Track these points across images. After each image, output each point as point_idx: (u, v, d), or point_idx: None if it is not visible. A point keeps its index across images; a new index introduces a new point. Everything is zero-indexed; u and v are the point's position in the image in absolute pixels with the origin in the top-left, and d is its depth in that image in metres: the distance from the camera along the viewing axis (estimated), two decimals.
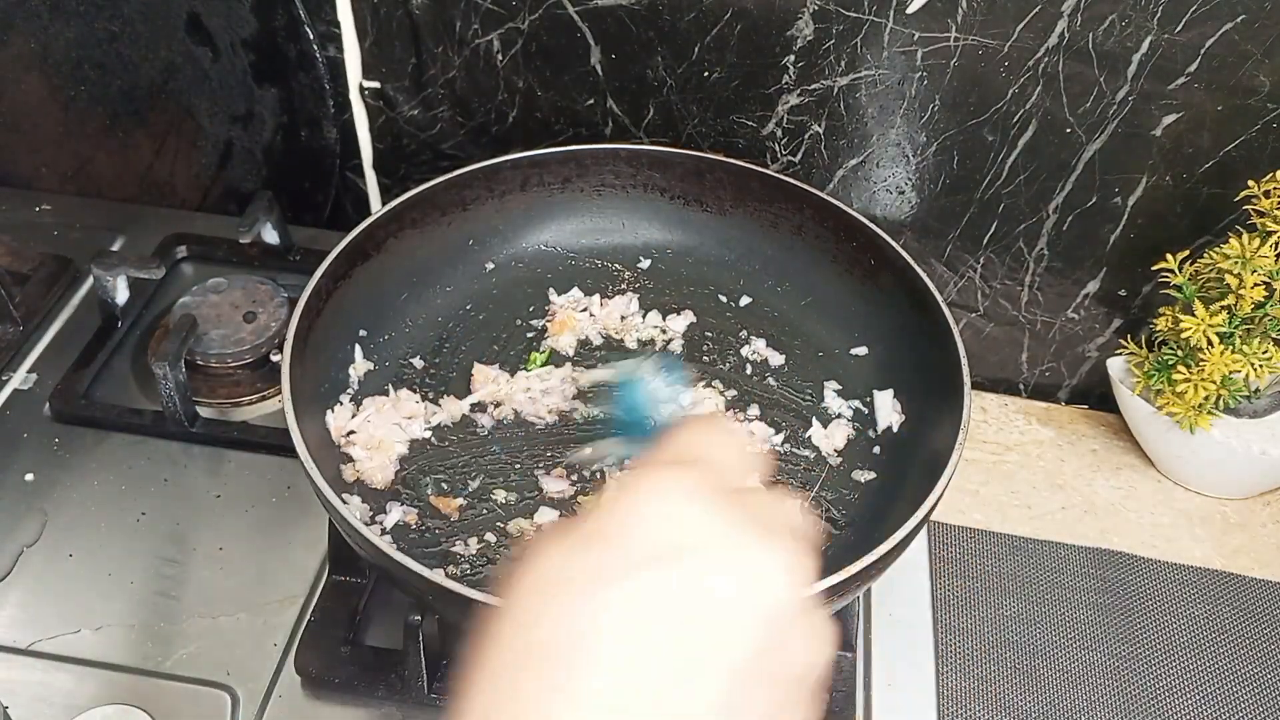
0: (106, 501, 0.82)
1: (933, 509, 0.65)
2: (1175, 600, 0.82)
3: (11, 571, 0.77)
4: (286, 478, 0.83)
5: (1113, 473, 0.92)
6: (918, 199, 0.91)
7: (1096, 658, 0.78)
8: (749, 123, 0.90)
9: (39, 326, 0.94)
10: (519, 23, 0.88)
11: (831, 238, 0.85)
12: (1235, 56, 0.77)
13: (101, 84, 1.01)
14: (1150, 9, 0.76)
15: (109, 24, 0.97)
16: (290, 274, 0.97)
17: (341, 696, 0.71)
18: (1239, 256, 0.78)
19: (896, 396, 0.80)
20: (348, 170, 1.03)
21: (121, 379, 0.91)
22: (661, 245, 0.91)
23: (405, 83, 0.94)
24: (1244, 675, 0.78)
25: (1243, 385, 0.83)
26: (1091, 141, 0.83)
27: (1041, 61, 0.80)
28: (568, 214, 0.91)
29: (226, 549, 0.79)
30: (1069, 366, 0.97)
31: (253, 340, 0.89)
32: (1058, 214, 0.88)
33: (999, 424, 0.95)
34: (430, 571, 0.59)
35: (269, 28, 0.94)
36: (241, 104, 1.00)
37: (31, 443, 0.85)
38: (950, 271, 0.94)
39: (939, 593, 0.81)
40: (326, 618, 0.73)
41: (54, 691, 0.70)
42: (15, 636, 0.73)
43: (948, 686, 0.76)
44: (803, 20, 0.83)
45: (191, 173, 1.06)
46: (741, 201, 0.88)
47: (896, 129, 0.87)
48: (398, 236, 0.83)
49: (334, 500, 0.63)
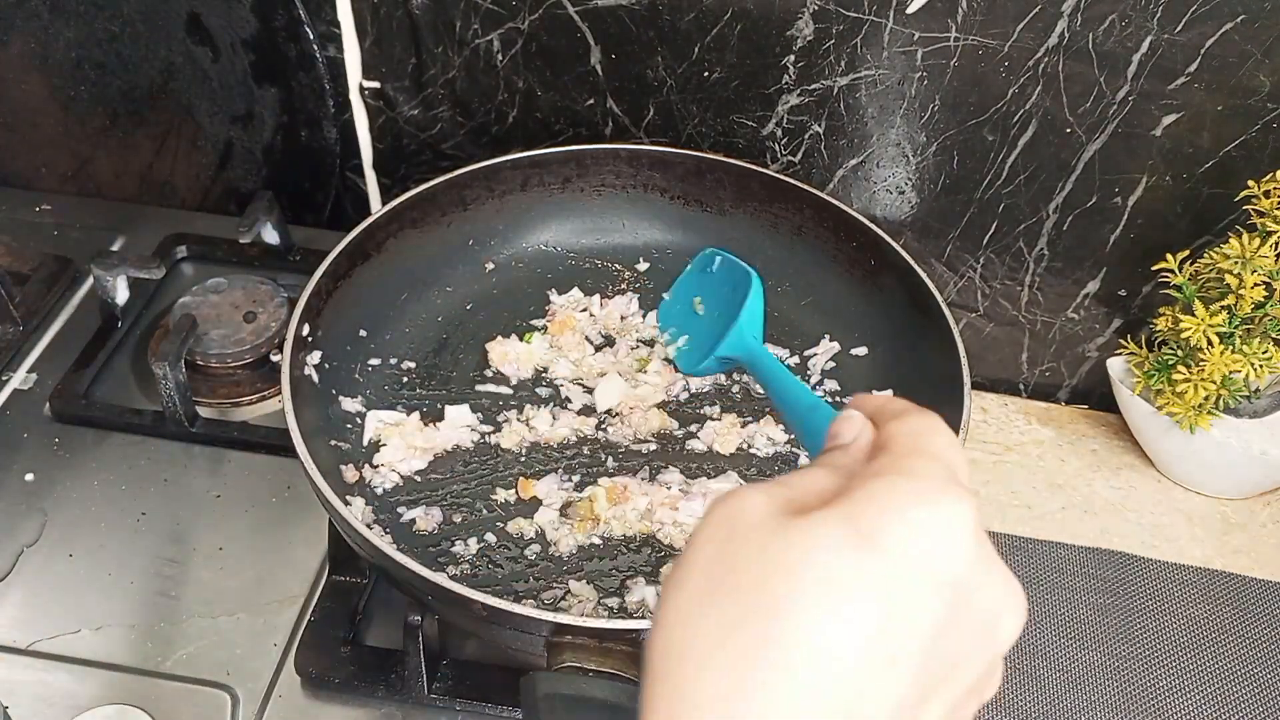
0: (106, 501, 0.82)
1: None
2: (1175, 600, 0.82)
3: (11, 571, 0.77)
4: (286, 478, 0.83)
5: (1113, 473, 0.92)
6: (918, 199, 0.91)
7: (1096, 658, 0.78)
8: (749, 123, 0.90)
9: (39, 326, 0.94)
10: (519, 23, 0.88)
11: (831, 238, 0.85)
12: (1235, 56, 0.77)
13: (101, 84, 1.01)
14: (1150, 9, 0.76)
15: (109, 24, 0.97)
16: (290, 274, 0.97)
17: (341, 696, 0.71)
18: (1239, 256, 0.78)
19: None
20: (348, 170, 1.03)
21: (121, 379, 0.91)
22: (661, 245, 0.91)
23: (405, 83, 0.94)
24: (1244, 675, 0.78)
25: (1243, 385, 0.83)
26: (1091, 141, 0.83)
27: (1041, 61, 0.80)
28: (568, 214, 0.91)
29: (226, 549, 0.79)
30: (1069, 366, 0.97)
31: (253, 340, 0.89)
32: (1058, 214, 0.88)
33: (999, 424, 0.95)
34: (430, 571, 0.59)
35: (269, 28, 0.94)
36: (241, 104, 1.00)
37: (31, 443, 0.85)
38: (950, 271, 0.94)
39: None
40: (326, 618, 0.73)
41: (54, 691, 0.70)
42: (15, 636, 0.73)
43: None
44: (803, 20, 0.83)
45: (191, 173, 1.06)
46: (741, 201, 0.88)
47: (896, 129, 0.87)
48: (398, 236, 0.83)
49: (334, 500, 0.63)
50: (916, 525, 0.31)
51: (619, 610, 0.68)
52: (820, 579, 0.30)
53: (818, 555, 0.31)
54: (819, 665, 0.29)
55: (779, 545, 0.31)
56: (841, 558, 0.31)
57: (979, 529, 0.32)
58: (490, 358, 0.83)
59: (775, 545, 0.31)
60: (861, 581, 0.30)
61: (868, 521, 0.31)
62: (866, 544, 0.31)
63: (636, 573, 0.70)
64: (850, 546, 0.31)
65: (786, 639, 0.30)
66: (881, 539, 0.31)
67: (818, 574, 0.30)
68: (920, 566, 0.31)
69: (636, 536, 0.72)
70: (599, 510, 0.73)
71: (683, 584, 0.32)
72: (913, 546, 0.31)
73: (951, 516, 0.32)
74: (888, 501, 0.32)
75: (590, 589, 0.69)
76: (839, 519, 0.31)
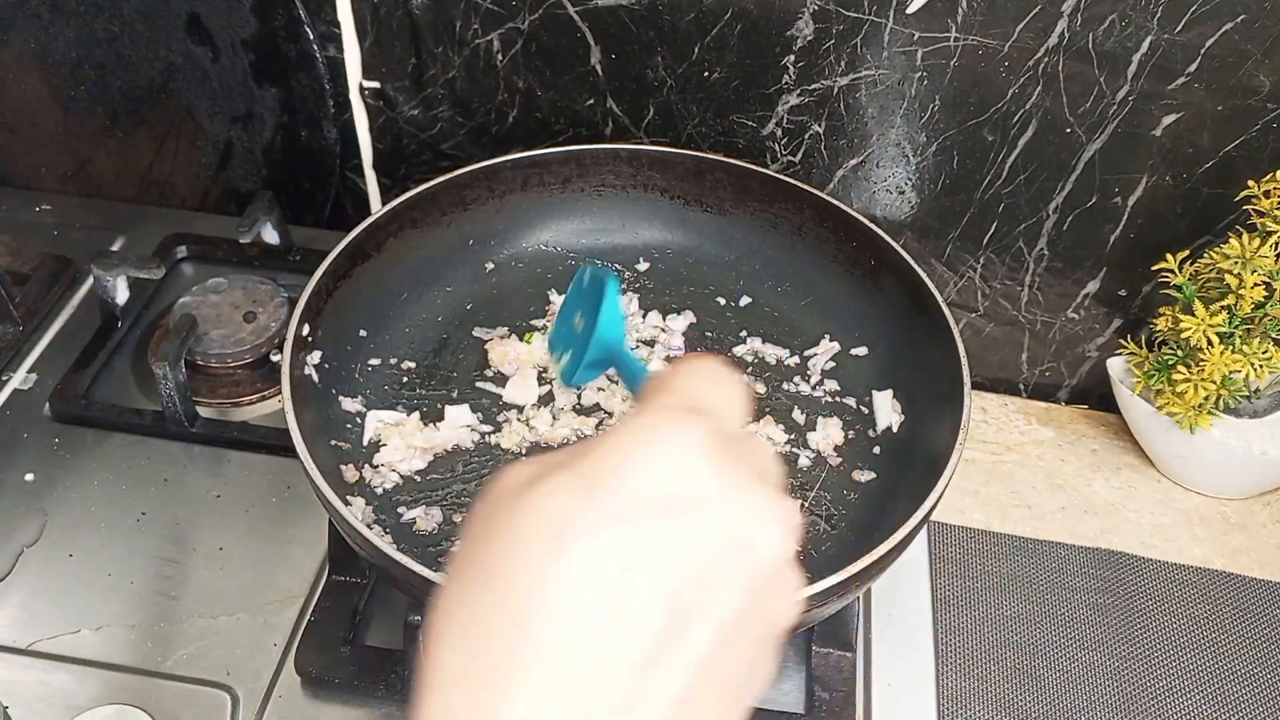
0: (106, 501, 0.82)
1: (932, 509, 0.65)
2: (1175, 600, 0.82)
3: (11, 571, 0.77)
4: (286, 478, 0.83)
5: (1113, 473, 0.92)
6: (918, 199, 0.91)
7: (1096, 658, 0.78)
8: (749, 123, 0.90)
9: (39, 326, 0.94)
10: (519, 23, 0.88)
11: (832, 238, 0.85)
12: (1235, 56, 0.77)
13: (101, 84, 1.01)
14: (1150, 9, 0.76)
15: (109, 24, 0.97)
16: (290, 274, 0.97)
17: (341, 696, 0.71)
18: (1239, 256, 0.78)
19: (896, 396, 0.80)
20: (348, 170, 1.03)
21: (121, 379, 0.91)
22: (661, 245, 0.91)
23: (405, 83, 0.94)
24: (1244, 675, 0.78)
25: (1243, 385, 0.83)
26: (1091, 141, 0.83)
27: (1041, 61, 0.80)
28: (568, 214, 0.91)
29: (226, 549, 0.79)
30: (1069, 366, 0.97)
31: (253, 340, 0.89)
32: (1058, 214, 0.88)
33: (999, 424, 0.95)
34: (430, 571, 0.59)
35: (269, 28, 0.94)
36: (241, 104, 1.00)
37: (31, 443, 0.85)
38: (950, 271, 0.94)
39: (939, 593, 0.81)
40: (326, 618, 0.73)
41: (54, 691, 0.70)
42: (15, 636, 0.73)
43: (948, 686, 0.76)
44: (803, 20, 0.83)
45: (191, 173, 1.06)
46: (741, 201, 0.88)
47: (896, 129, 0.87)
48: (398, 236, 0.83)
49: (334, 500, 0.63)
50: (633, 458, 0.32)
51: None
52: (544, 531, 0.31)
53: (544, 509, 0.31)
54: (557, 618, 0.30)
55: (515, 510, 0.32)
56: (564, 506, 0.31)
57: (716, 452, 0.33)
58: (490, 358, 0.83)
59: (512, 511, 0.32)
60: (587, 522, 0.31)
61: (590, 466, 0.32)
62: (588, 487, 0.31)
63: None
64: (574, 493, 0.31)
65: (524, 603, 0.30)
66: (602, 480, 0.32)
67: (542, 526, 0.31)
68: (643, 497, 0.31)
69: None
70: None
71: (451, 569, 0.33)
72: (632, 478, 0.32)
73: (676, 444, 0.33)
74: (609, 443, 0.33)
75: None
76: (567, 471, 0.32)
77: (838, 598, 0.62)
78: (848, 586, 0.61)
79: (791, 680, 0.73)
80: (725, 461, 0.33)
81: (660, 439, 0.33)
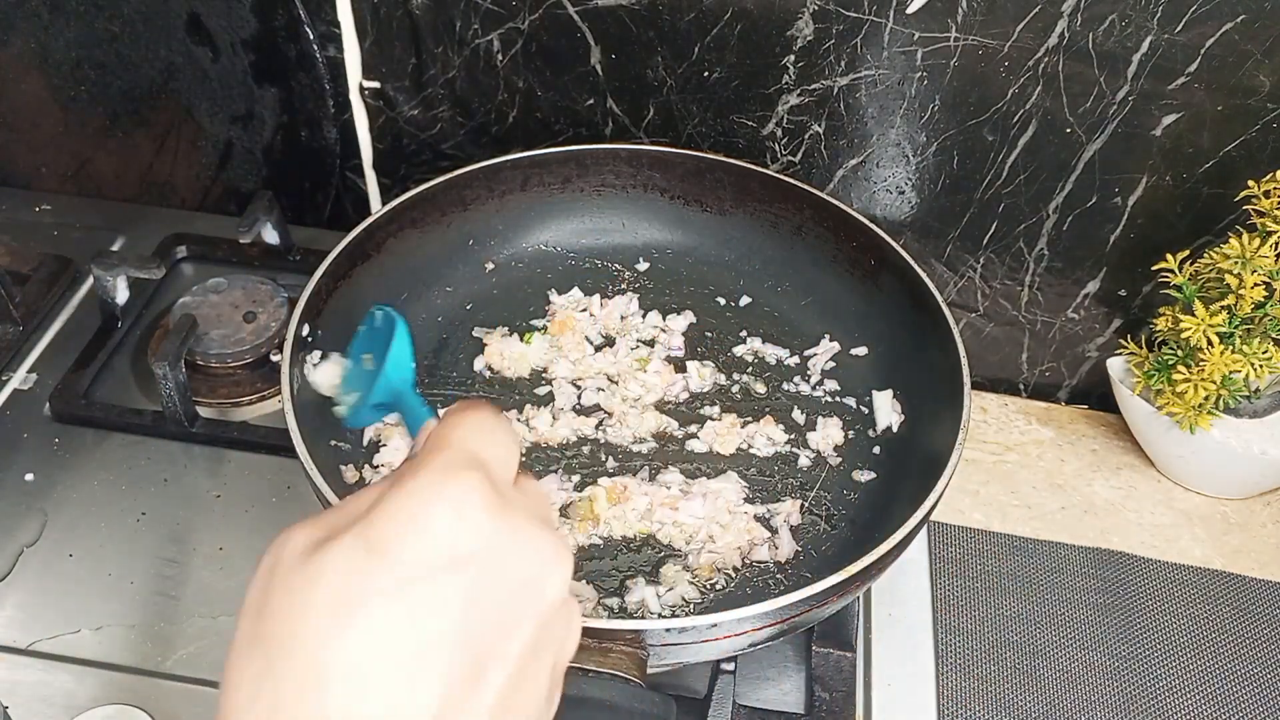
0: (106, 501, 0.82)
1: (932, 509, 0.65)
2: (1175, 600, 0.82)
3: (11, 571, 0.77)
4: (286, 478, 0.83)
5: (1113, 473, 0.92)
6: (918, 199, 0.91)
7: (1096, 658, 0.78)
8: (749, 123, 0.90)
9: (39, 326, 0.94)
10: (519, 23, 0.88)
11: (831, 238, 0.85)
12: (1235, 56, 0.77)
13: (101, 84, 1.01)
14: (1150, 9, 0.76)
15: (109, 24, 0.97)
16: (290, 274, 0.97)
17: None
18: (1239, 256, 0.78)
19: (896, 396, 0.80)
20: (348, 170, 1.03)
21: (121, 379, 0.91)
22: (661, 245, 0.91)
23: (405, 83, 0.94)
24: (1244, 675, 0.78)
25: (1243, 385, 0.83)
26: (1091, 141, 0.83)
27: (1041, 61, 0.80)
28: (568, 214, 0.91)
29: (226, 549, 0.79)
30: (1069, 366, 0.97)
31: (253, 340, 0.89)
32: (1058, 214, 0.88)
33: (999, 424, 0.95)
34: None
35: (269, 28, 0.94)
36: (241, 104, 1.00)
37: (31, 443, 0.85)
38: (950, 271, 0.94)
39: (939, 593, 0.81)
40: None
41: (54, 691, 0.70)
42: (15, 636, 0.73)
43: (948, 686, 0.76)
44: (803, 20, 0.83)
45: (191, 173, 1.07)
46: (741, 201, 0.88)
47: (896, 129, 0.87)
48: (398, 236, 0.83)
49: (334, 501, 0.63)
50: (417, 520, 0.33)
51: (619, 610, 0.68)
52: (331, 601, 0.31)
53: (330, 578, 0.32)
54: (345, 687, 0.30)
55: (299, 579, 0.32)
56: (350, 575, 0.32)
57: (494, 503, 0.34)
58: (490, 358, 0.83)
59: (297, 580, 0.32)
60: (371, 590, 0.31)
61: (374, 530, 0.32)
62: (374, 553, 0.32)
63: (636, 573, 0.70)
64: (359, 560, 0.32)
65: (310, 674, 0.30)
66: (387, 544, 0.32)
67: (329, 596, 0.31)
68: (429, 557, 0.32)
69: (636, 537, 0.72)
70: (599, 510, 0.73)
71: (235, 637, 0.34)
72: (418, 541, 0.32)
73: (453, 501, 0.33)
74: (391, 506, 0.33)
75: (590, 589, 0.69)
76: (351, 537, 0.32)
77: (838, 598, 0.62)
78: (848, 586, 0.61)
79: (791, 680, 0.73)
80: (503, 511, 0.34)
81: (439, 497, 0.33)
